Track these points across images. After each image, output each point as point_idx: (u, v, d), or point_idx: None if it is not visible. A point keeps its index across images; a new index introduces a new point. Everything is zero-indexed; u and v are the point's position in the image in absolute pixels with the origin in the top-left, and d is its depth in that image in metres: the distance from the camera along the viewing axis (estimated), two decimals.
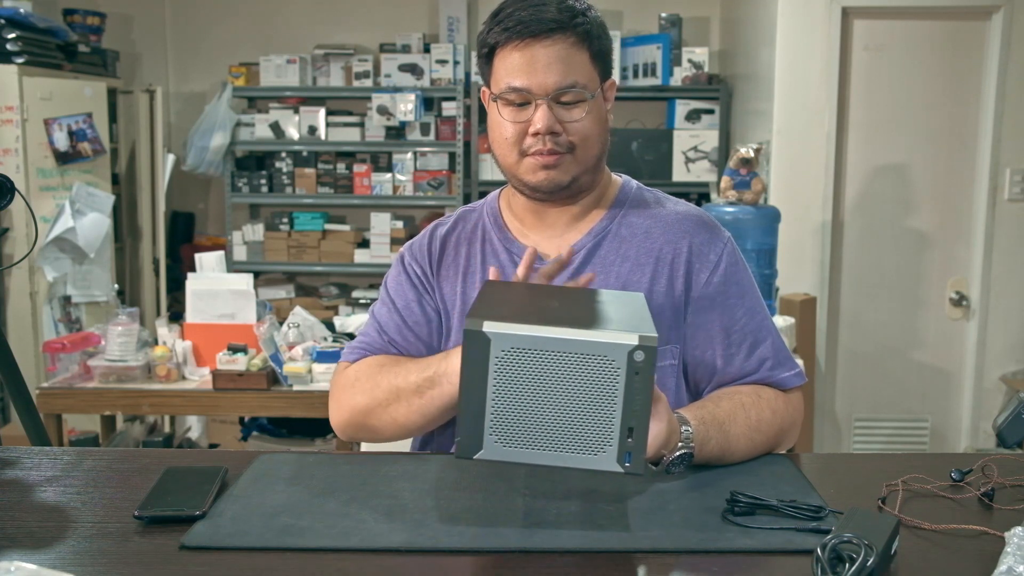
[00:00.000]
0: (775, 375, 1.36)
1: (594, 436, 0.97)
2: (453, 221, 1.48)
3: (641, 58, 4.58)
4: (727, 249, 1.38)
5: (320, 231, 4.80)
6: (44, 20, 4.03)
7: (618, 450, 0.97)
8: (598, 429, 0.96)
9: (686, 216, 1.40)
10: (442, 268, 1.44)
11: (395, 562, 0.97)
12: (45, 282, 3.89)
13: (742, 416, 1.26)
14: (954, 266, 3.77)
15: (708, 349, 1.35)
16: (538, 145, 1.30)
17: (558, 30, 1.27)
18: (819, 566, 0.88)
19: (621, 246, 1.38)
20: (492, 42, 1.31)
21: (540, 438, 0.98)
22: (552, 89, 1.28)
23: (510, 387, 0.97)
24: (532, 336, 0.95)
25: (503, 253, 1.41)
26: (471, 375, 0.97)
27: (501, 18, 1.30)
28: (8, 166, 3.71)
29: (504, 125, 1.32)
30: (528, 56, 1.28)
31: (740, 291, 1.37)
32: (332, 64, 4.77)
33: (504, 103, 1.31)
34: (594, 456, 0.97)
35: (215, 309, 2.95)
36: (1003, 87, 3.60)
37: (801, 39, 3.65)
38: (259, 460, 1.26)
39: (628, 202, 1.42)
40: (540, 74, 1.27)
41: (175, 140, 5.06)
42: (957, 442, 3.84)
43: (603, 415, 0.96)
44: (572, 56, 1.29)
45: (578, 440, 0.97)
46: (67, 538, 1.02)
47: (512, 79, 1.29)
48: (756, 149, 3.31)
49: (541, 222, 1.41)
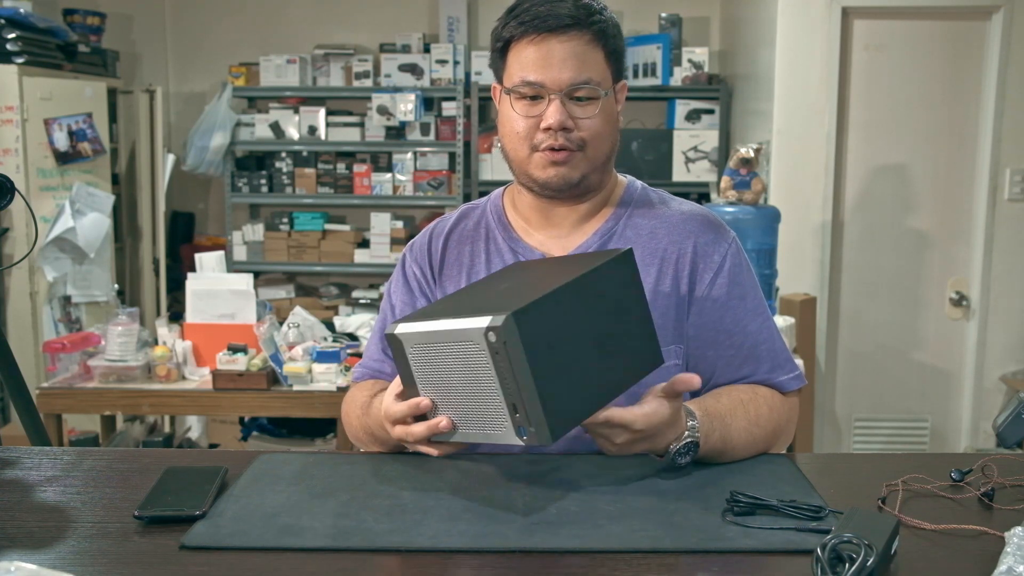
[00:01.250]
0: (774, 378, 1.36)
1: (492, 414, 1.01)
2: (455, 219, 1.48)
3: (641, 58, 4.58)
4: (731, 250, 1.37)
5: (320, 231, 4.80)
6: (44, 20, 4.03)
7: (512, 425, 1.01)
8: (492, 408, 1.01)
9: (691, 216, 1.40)
10: (444, 267, 1.43)
11: (395, 562, 0.97)
12: (45, 282, 3.89)
13: (741, 411, 1.27)
14: (954, 266, 3.77)
15: (709, 350, 1.35)
16: (549, 140, 1.30)
17: (574, 26, 1.27)
18: (819, 566, 0.88)
19: (626, 246, 1.37)
20: (507, 36, 1.31)
21: (463, 420, 1.05)
22: (566, 84, 1.28)
23: (430, 379, 1.06)
24: (423, 331, 1.03)
25: (507, 252, 1.40)
26: (403, 373, 1.09)
27: (517, 12, 1.30)
28: (8, 166, 3.71)
29: (516, 119, 1.32)
30: (544, 51, 1.28)
31: (742, 292, 1.36)
32: (332, 64, 4.77)
33: (517, 97, 1.31)
34: (499, 432, 1.02)
35: (215, 309, 2.95)
36: (1003, 87, 3.60)
37: (801, 39, 3.65)
38: (259, 460, 1.26)
39: (634, 202, 1.42)
40: (555, 69, 1.27)
41: (175, 140, 5.06)
42: (957, 442, 3.84)
43: (491, 394, 1.00)
44: (587, 53, 1.29)
45: (485, 419, 1.03)
46: (67, 538, 1.02)
47: (526, 73, 1.29)
48: (756, 149, 3.31)
49: (547, 221, 1.40)
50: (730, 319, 1.35)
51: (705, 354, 1.35)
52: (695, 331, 1.35)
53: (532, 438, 0.99)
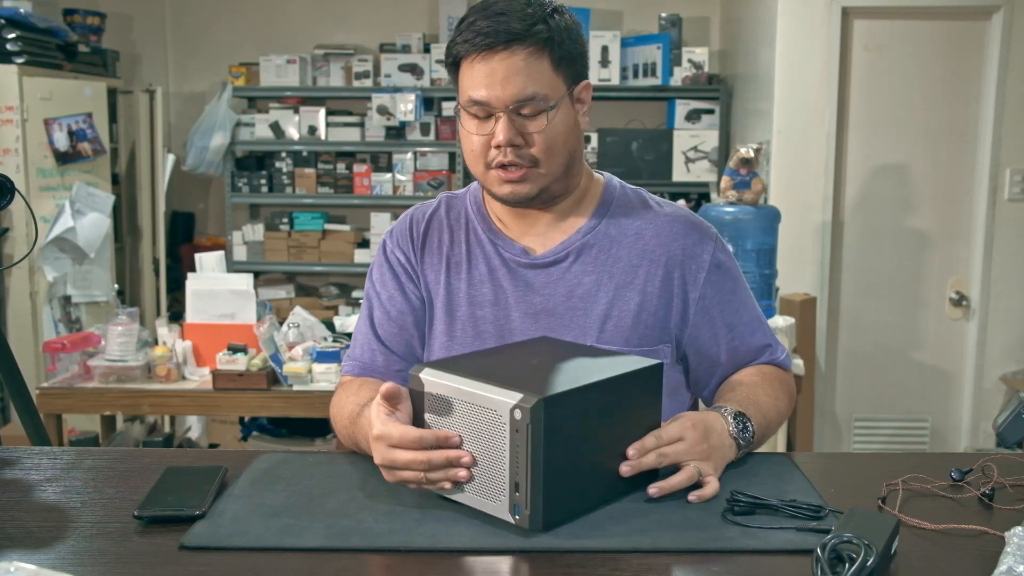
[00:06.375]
0: (776, 358, 1.44)
1: (493, 484, 1.02)
2: (435, 206, 1.48)
3: (641, 58, 4.58)
4: (717, 247, 1.41)
5: (320, 231, 4.80)
6: (44, 20, 4.03)
7: (508, 502, 1.01)
8: (494, 478, 1.02)
9: (675, 218, 1.42)
10: (425, 252, 1.43)
11: (395, 562, 0.97)
12: (45, 282, 3.89)
13: (760, 391, 1.33)
14: (954, 266, 3.77)
15: (712, 345, 1.40)
16: (500, 157, 1.29)
17: (515, 41, 1.25)
18: (819, 566, 0.88)
19: (612, 247, 1.38)
20: (456, 53, 1.30)
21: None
22: (511, 101, 1.26)
23: (440, 427, 1.06)
24: (449, 385, 1.05)
25: (488, 244, 1.41)
26: (416, 415, 1.09)
27: (463, 28, 1.29)
28: (8, 166, 3.71)
29: (469, 137, 1.32)
30: (488, 68, 1.26)
31: (733, 286, 1.41)
32: (332, 64, 4.77)
33: (468, 115, 1.31)
34: (493, 503, 1.03)
35: (215, 309, 2.95)
36: (1003, 87, 3.60)
37: (801, 39, 3.65)
38: (259, 460, 1.26)
39: (615, 201, 1.43)
40: (498, 87, 1.26)
41: (175, 140, 5.06)
42: (957, 442, 3.84)
43: (497, 466, 1.01)
44: (531, 66, 1.26)
45: (483, 487, 1.03)
46: (67, 538, 1.02)
47: (474, 91, 1.28)
48: (756, 149, 3.31)
49: (522, 222, 1.41)
50: (728, 312, 1.39)
51: (709, 350, 1.39)
52: (696, 330, 1.38)
53: (524, 520, 1.00)
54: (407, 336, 1.41)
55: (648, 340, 1.35)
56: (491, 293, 1.38)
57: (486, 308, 1.38)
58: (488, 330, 1.37)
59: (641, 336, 1.35)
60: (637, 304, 1.35)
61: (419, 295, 1.42)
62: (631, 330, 1.34)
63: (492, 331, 1.37)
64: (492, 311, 1.37)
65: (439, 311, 1.40)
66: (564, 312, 1.36)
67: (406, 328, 1.41)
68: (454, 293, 1.40)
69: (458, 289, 1.39)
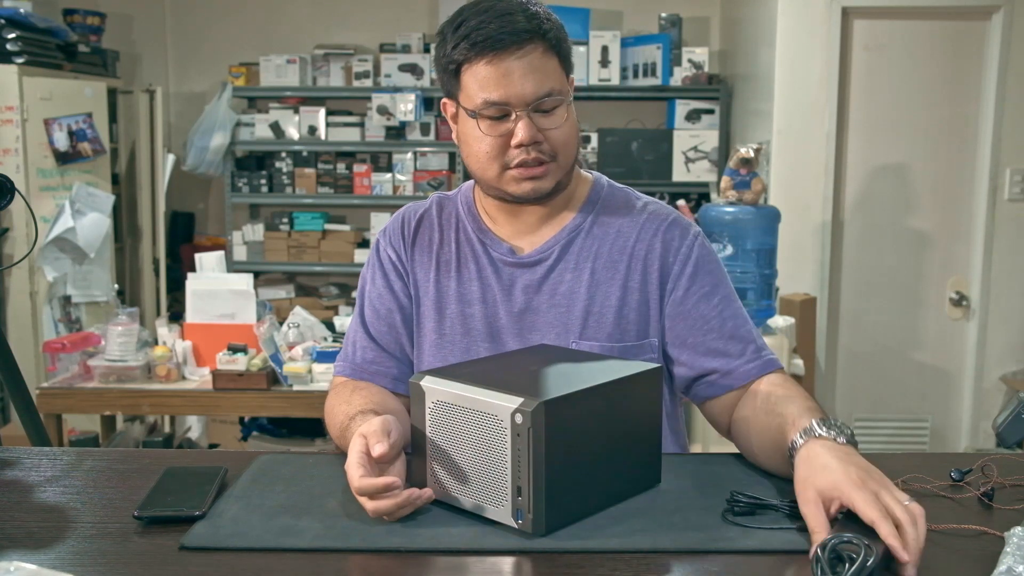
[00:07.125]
0: (765, 355, 1.35)
1: (496, 490, 1.02)
2: (427, 205, 1.49)
3: (641, 58, 4.58)
4: (697, 242, 1.40)
5: (320, 231, 4.80)
6: (44, 20, 4.03)
7: (511, 506, 1.01)
8: (497, 484, 1.02)
9: (656, 215, 1.42)
10: (416, 250, 1.44)
11: (395, 562, 0.97)
12: (45, 282, 3.89)
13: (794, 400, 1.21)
14: (954, 266, 3.77)
15: (690, 338, 1.36)
16: (522, 156, 1.30)
17: (529, 40, 1.27)
18: (819, 566, 0.88)
19: (594, 244, 1.39)
20: (460, 59, 1.29)
21: (460, 486, 1.06)
22: (531, 99, 1.28)
23: (442, 437, 1.07)
24: (450, 392, 1.05)
25: (477, 243, 1.42)
26: (415, 419, 1.10)
27: (465, 33, 1.28)
28: (8, 166, 3.71)
29: (482, 139, 1.31)
30: (502, 69, 1.27)
31: (714, 281, 1.39)
32: (332, 64, 4.77)
33: (481, 118, 1.30)
34: (495, 509, 1.03)
35: (215, 309, 2.95)
36: (1003, 87, 3.60)
37: (801, 39, 3.65)
38: (259, 460, 1.26)
39: (601, 200, 1.44)
40: (517, 85, 1.27)
41: (175, 140, 5.06)
42: (957, 442, 3.84)
43: (499, 471, 1.01)
44: (545, 64, 1.29)
45: (484, 492, 1.03)
46: (67, 538, 1.02)
47: (488, 93, 1.27)
48: (756, 149, 3.31)
49: (514, 219, 1.42)
50: (705, 306, 1.37)
51: (687, 342, 1.37)
52: (674, 323, 1.38)
53: (527, 524, 1.00)
54: (396, 334, 1.42)
55: (631, 335, 1.36)
56: (479, 291, 1.39)
57: (475, 306, 1.39)
58: (477, 328, 1.38)
59: (624, 332, 1.35)
60: (618, 299, 1.36)
61: (408, 293, 1.43)
62: (613, 326, 1.35)
63: (481, 328, 1.38)
64: (481, 309, 1.39)
65: (428, 309, 1.41)
66: (547, 310, 1.37)
67: (395, 326, 1.42)
68: (444, 291, 1.41)
69: (448, 287, 1.41)
